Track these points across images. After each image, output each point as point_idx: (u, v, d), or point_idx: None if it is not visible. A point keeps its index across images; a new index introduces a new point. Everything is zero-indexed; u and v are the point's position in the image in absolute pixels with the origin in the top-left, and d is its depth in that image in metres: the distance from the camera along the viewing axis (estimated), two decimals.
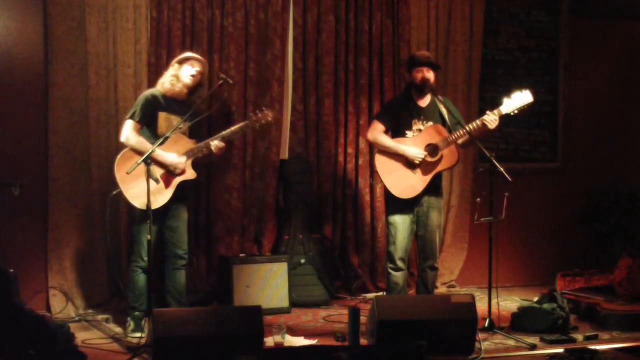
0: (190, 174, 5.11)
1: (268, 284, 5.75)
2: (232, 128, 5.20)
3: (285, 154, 6.38)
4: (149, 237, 4.70)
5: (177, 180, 5.07)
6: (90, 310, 5.66)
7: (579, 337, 4.94)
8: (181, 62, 5.15)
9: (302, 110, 6.34)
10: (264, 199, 6.22)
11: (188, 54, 5.24)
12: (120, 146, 5.09)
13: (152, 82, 5.79)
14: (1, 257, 5.23)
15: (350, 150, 6.48)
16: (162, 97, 5.11)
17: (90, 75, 5.69)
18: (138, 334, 4.89)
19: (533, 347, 4.71)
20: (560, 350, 4.59)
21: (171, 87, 5.10)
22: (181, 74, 5.11)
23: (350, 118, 6.47)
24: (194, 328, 4.19)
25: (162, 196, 5.01)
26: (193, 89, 5.18)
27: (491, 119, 5.13)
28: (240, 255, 5.91)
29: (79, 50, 5.68)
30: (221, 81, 5.12)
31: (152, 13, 5.87)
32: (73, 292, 5.68)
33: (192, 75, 5.12)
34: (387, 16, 6.53)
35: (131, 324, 5.09)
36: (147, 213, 4.68)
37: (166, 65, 5.81)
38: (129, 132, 5.01)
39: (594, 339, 4.91)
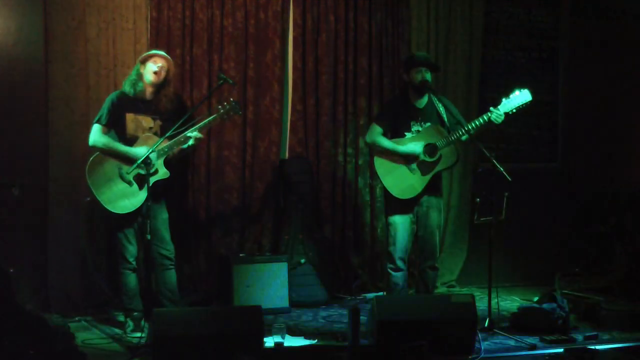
0: (163, 173, 5.03)
1: (268, 284, 5.75)
2: (204, 121, 5.05)
3: (285, 154, 6.38)
4: (148, 237, 4.70)
5: (150, 180, 4.94)
6: (90, 310, 5.65)
7: (579, 337, 4.94)
8: (144, 60, 5.10)
9: (302, 110, 6.34)
10: (264, 199, 6.22)
11: (152, 51, 5.19)
12: (90, 151, 5.07)
13: None
14: (1, 257, 5.23)
15: (350, 150, 6.48)
16: (128, 98, 5.08)
17: (90, 75, 5.69)
18: (138, 334, 4.89)
19: (533, 347, 4.71)
20: (560, 350, 4.59)
21: (135, 87, 5.06)
22: (144, 72, 5.07)
23: (350, 118, 6.47)
24: (194, 328, 4.20)
25: (135, 198, 4.97)
26: (159, 87, 5.11)
27: (497, 115, 5.13)
28: (240, 255, 5.91)
29: (79, 50, 5.68)
30: (221, 81, 5.09)
31: (152, 13, 5.87)
32: (73, 292, 5.68)
33: (155, 72, 5.05)
34: (387, 16, 6.53)
35: (130, 325, 5.09)
36: (149, 213, 4.69)
37: None
38: (96, 136, 5.00)
39: (594, 339, 4.91)
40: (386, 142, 5.30)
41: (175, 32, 5.93)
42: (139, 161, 4.75)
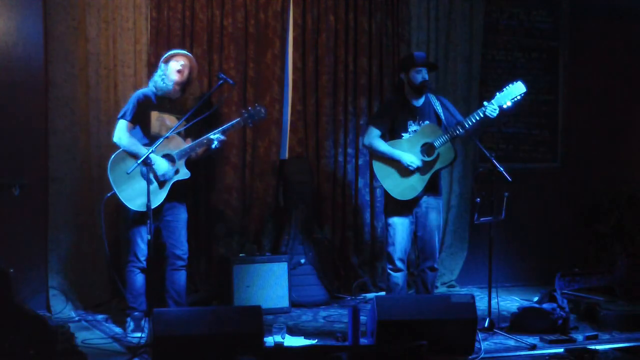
0: (183, 174, 5.08)
1: (268, 284, 5.75)
2: (228, 124, 5.16)
3: (285, 154, 6.38)
4: (149, 236, 4.70)
5: (171, 180, 5.05)
6: (90, 310, 5.66)
7: (579, 337, 4.94)
8: (167, 60, 5.14)
9: (302, 110, 6.34)
10: (264, 199, 6.22)
11: (172, 51, 5.22)
12: (114, 147, 5.09)
13: None
14: (1, 257, 5.23)
15: (350, 150, 6.48)
16: (154, 97, 5.12)
17: (90, 75, 5.69)
18: (138, 334, 4.89)
19: (533, 347, 4.71)
20: (560, 350, 4.59)
21: (161, 87, 5.10)
22: (168, 72, 5.10)
23: (350, 118, 6.47)
24: (194, 328, 4.19)
25: (156, 196, 4.98)
26: (184, 85, 5.17)
27: (492, 109, 5.12)
28: (240, 255, 5.91)
29: (79, 50, 5.68)
30: (221, 81, 5.13)
31: (152, 13, 5.87)
32: (73, 292, 5.68)
33: (179, 71, 5.10)
34: (387, 16, 6.53)
35: (131, 324, 5.09)
36: (148, 213, 4.70)
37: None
38: (121, 132, 5.03)
39: (594, 339, 4.91)
40: (383, 147, 5.28)
41: (175, 32, 5.93)
42: (139, 161, 4.76)
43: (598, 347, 4.62)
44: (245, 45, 6.14)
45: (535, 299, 5.48)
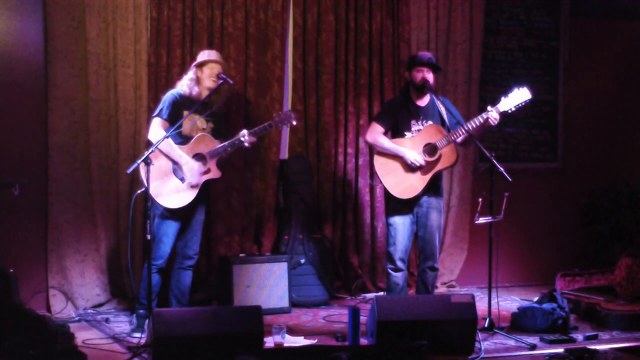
0: (215, 173, 5.16)
1: (268, 284, 5.75)
2: (260, 127, 5.24)
3: (285, 154, 6.38)
4: (148, 236, 4.70)
5: (202, 178, 5.10)
6: (90, 310, 5.66)
7: (579, 337, 4.94)
8: (200, 65, 5.20)
9: (302, 110, 6.34)
10: (264, 199, 6.22)
11: (205, 56, 5.27)
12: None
13: (152, 82, 5.81)
14: (1, 257, 5.23)
15: (350, 150, 6.48)
16: (187, 98, 5.17)
17: (90, 75, 5.69)
18: (138, 334, 4.89)
19: (533, 347, 4.72)
20: (560, 350, 4.60)
21: (190, 91, 5.16)
22: (203, 77, 5.18)
23: (350, 118, 6.47)
24: (194, 328, 4.19)
25: (187, 194, 5.05)
26: (214, 90, 5.23)
27: (494, 116, 5.12)
28: (240, 255, 5.91)
29: (79, 50, 5.68)
30: (221, 81, 5.16)
31: (152, 13, 5.87)
32: (73, 292, 5.68)
33: (214, 81, 5.18)
34: (387, 16, 6.53)
35: (134, 322, 5.10)
36: (148, 212, 4.70)
37: (166, 65, 5.85)
38: (157, 130, 5.07)
39: (594, 339, 4.92)
40: (386, 142, 5.29)
41: (175, 32, 5.92)
42: (139, 160, 4.75)
43: (598, 347, 4.62)
44: (245, 45, 6.13)
45: (535, 299, 5.48)
